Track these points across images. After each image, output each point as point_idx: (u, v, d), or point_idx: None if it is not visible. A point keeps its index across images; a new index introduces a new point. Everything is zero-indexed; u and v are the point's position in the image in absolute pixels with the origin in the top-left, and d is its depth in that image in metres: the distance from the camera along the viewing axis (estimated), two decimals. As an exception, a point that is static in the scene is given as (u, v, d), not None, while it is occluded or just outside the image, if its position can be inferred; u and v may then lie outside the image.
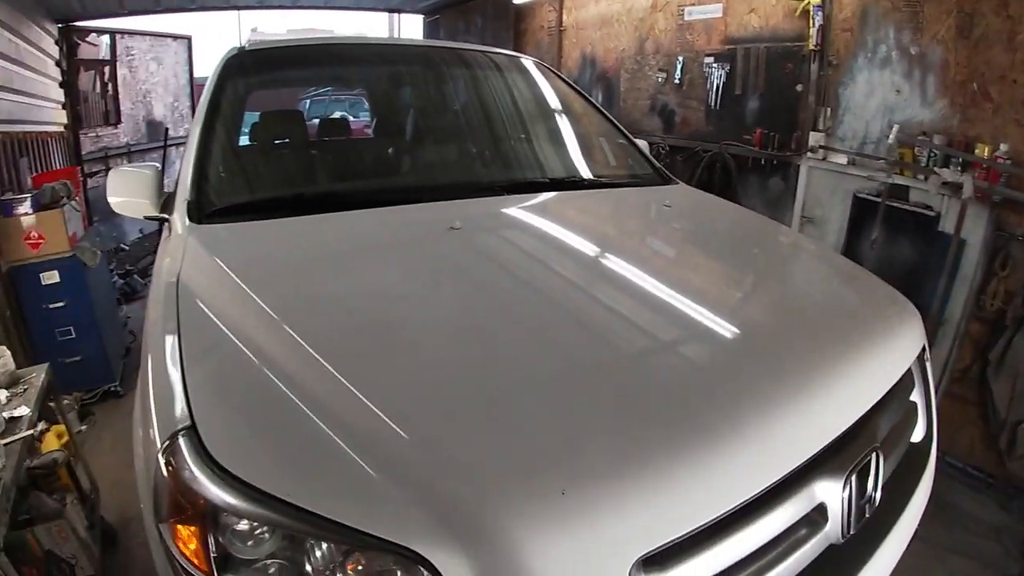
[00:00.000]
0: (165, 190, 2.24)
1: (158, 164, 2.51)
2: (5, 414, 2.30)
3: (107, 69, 7.35)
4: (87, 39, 7.09)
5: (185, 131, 7.98)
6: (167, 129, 7.55)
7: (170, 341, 1.37)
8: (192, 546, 1.06)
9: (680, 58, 5.16)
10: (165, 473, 1.10)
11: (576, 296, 1.69)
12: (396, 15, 10.32)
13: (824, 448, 1.30)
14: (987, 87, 3.63)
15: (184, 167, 2.16)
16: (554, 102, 3.02)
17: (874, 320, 1.80)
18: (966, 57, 3.66)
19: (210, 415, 1.15)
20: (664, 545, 1.03)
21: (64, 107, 6.57)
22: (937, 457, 1.87)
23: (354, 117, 8.45)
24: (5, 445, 2.14)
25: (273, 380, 1.22)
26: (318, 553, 1.03)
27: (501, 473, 1.05)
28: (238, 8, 7.80)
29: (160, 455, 1.12)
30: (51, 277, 4.18)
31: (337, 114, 9.02)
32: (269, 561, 1.05)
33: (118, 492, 3.05)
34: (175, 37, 8.08)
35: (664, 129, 5.33)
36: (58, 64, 6.48)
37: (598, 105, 3.21)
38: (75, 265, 4.24)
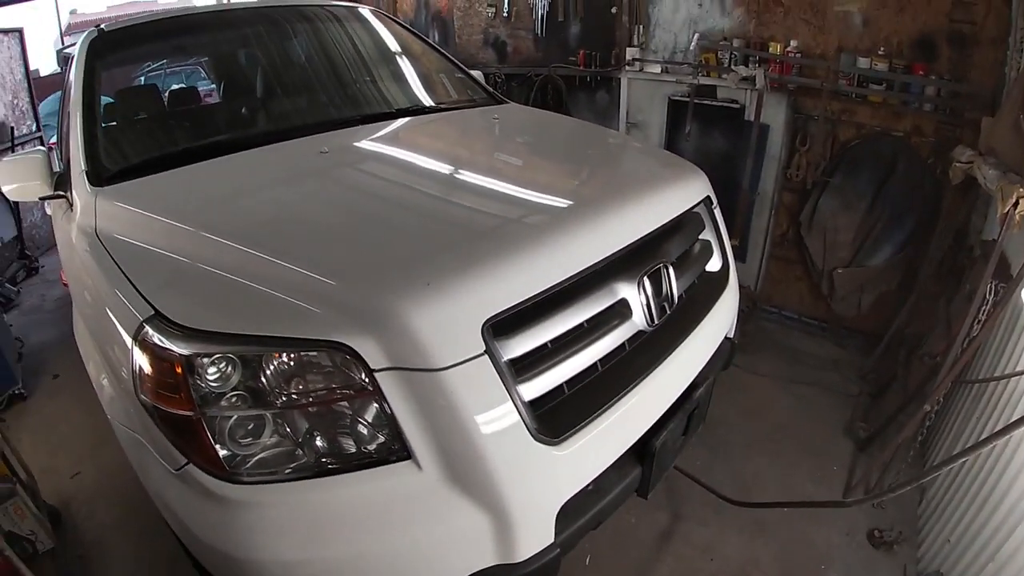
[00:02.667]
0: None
1: (43, 148, 2.63)
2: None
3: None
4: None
5: (28, 128, 7.57)
6: (12, 128, 7.14)
7: (110, 273, 1.70)
8: (175, 397, 1.42)
9: (506, -8, 5.56)
10: (142, 353, 1.47)
11: (428, 177, 2.21)
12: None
13: (618, 255, 1.77)
14: (778, -6, 4.17)
15: (72, 145, 2.35)
16: (393, 45, 3.36)
17: (660, 177, 2.30)
18: (759, -31, 4.19)
19: (168, 301, 1.52)
20: (502, 312, 1.48)
21: None
22: (764, 302, 2.39)
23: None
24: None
25: (208, 268, 1.60)
26: (269, 371, 1.42)
27: (386, 280, 1.49)
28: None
29: (134, 344, 1.48)
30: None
31: (185, 84, 8.79)
32: (233, 393, 1.42)
33: (49, 479, 3.18)
34: (5, 31, 7.53)
35: (498, 60, 5.73)
36: None
37: (432, 43, 3.54)
38: (-42, 274, 4.09)
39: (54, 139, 8.41)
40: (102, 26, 2.90)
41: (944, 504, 2.67)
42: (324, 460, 1.45)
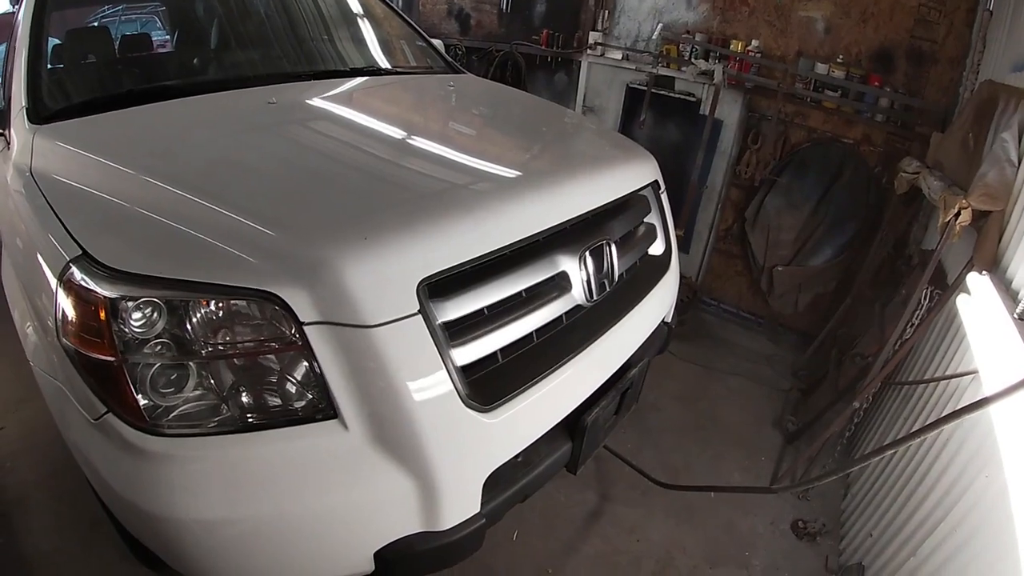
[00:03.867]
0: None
1: None
2: None
3: None
4: None
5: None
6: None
7: (41, 212, 1.62)
8: (97, 341, 1.36)
9: (474, -36, 5.51)
10: (66, 295, 1.40)
11: (374, 136, 2.17)
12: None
13: (561, 228, 1.76)
14: (744, -7, 4.21)
15: (14, 81, 2.25)
16: (354, 5, 3.32)
17: (611, 157, 2.31)
18: (728, -33, 4.24)
19: (98, 242, 1.44)
20: (439, 273, 1.46)
21: None
22: (704, 294, 2.41)
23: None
24: None
25: (142, 211, 1.52)
26: (196, 319, 1.37)
27: (322, 232, 1.45)
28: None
29: (58, 285, 1.42)
30: None
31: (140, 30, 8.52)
32: (157, 341, 1.37)
33: None
34: None
35: (461, 32, 5.71)
36: None
37: (394, 7, 3.49)
38: None
39: (-2, 79, 8.02)
40: None
41: (867, 499, 2.76)
42: (248, 415, 1.41)
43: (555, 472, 1.87)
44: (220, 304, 1.38)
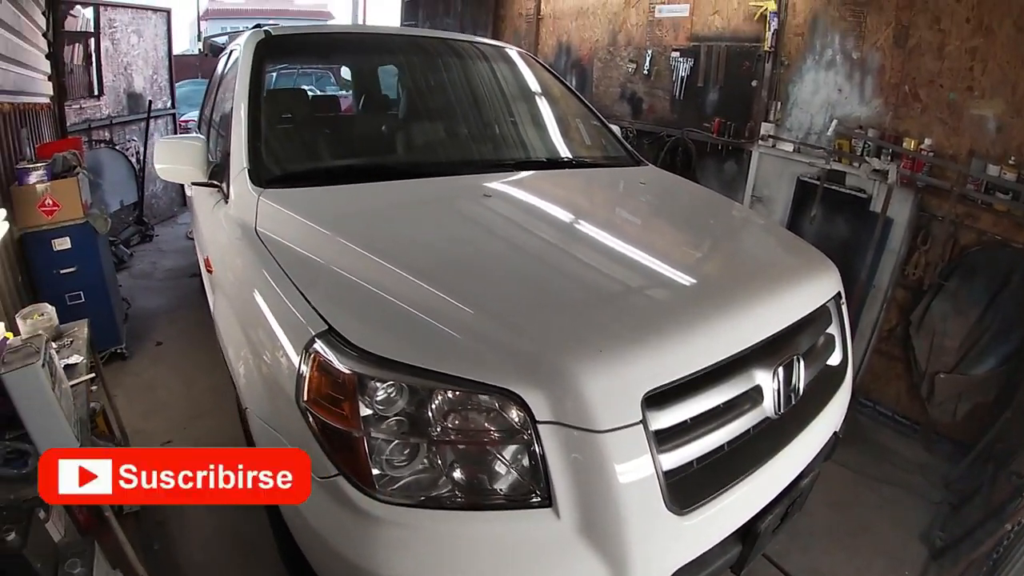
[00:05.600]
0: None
1: (202, 136, 2.78)
2: (61, 362, 2.41)
3: (91, 41, 7.23)
4: (71, 11, 6.77)
5: (163, 103, 8.01)
6: (150, 101, 7.57)
7: (275, 276, 1.84)
8: (340, 413, 1.52)
9: (649, 51, 5.73)
10: (310, 365, 1.57)
11: (589, 243, 2.26)
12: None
13: (757, 346, 1.84)
14: (917, 90, 4.18)
15: (235, 140, 2.48)
16: (543, 91, 3.56)
17: (796, 268, 2.37)
18: (900, 63, 4.21)
19: (342, 319, 1.62)
20: (660, 387, 1.57)
21: (50, 79, 6.19)
22: (861, 395, 2.40)
23: (319, 91, 8.53)
24: (72, 387, 2.32)
25: (380, 294, 1.71)
26: (435, 404, 1.52)
27: (561, 340, 1.59)
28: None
29: (304, 356, 1.59)
30: (62, 243, 4.14)
31: (316, 88, 9.02)
32: (394, 417, 1.53)
33: (140, 441, 3.34)
34: (155, 10, 7.93)
35: (632, 115, 5.93)
36: (45, 35, 6.08)
37: (580, 96, 3.70)
38: (87, 231, 4.22)
39: (184, 117, 8.90)
40: (269, 29, 3.04)
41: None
42: (467, 493, 1.54)
43: (723, 571, 1.92)
44: (459, 393, 1.52)
